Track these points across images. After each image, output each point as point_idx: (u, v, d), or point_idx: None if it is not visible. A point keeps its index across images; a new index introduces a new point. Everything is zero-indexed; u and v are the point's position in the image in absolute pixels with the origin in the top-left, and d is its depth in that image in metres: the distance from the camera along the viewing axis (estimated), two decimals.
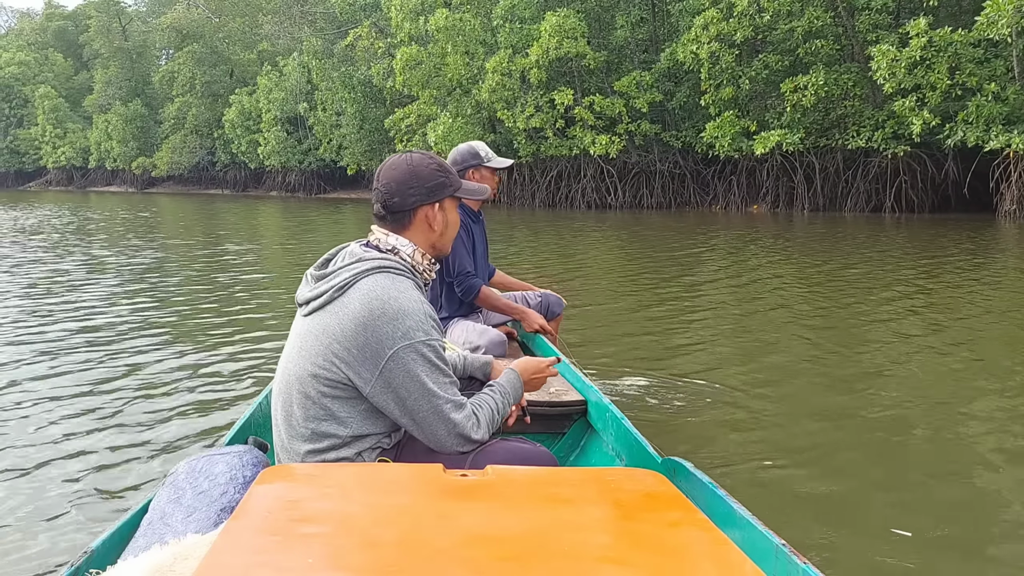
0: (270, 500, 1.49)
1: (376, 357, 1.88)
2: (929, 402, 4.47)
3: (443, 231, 2.11)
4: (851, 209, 20.19)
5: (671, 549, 1.36)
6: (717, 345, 6.03)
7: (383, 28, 29.46)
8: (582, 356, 5.62)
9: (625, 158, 24.18)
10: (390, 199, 2.05)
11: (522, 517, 1.44)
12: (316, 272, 2.05)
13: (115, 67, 49.72)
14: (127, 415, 4.41)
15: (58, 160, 52.44)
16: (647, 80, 22.64)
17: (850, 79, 18.80)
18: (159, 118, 47.75)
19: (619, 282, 9.67)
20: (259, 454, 1.92)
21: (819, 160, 20.62)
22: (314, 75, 34.23)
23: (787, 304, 7.73)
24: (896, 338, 6.11)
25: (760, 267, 10.62)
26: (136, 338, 6.48)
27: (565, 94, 22.57)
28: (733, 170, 22.85)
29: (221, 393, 4.84)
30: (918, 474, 3.45)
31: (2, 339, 6.44)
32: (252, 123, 39.01)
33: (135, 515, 1.85)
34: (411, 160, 2.08)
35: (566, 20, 21.93)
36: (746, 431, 4.03)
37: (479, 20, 24.33)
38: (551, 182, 26.18)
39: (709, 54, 19.70)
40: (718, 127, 20.41)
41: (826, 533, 2.89)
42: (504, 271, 4.60)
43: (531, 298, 4.25)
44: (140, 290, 9.12)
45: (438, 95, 26.00)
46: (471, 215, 3.96)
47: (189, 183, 46.96)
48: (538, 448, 2.07)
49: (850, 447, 3.81)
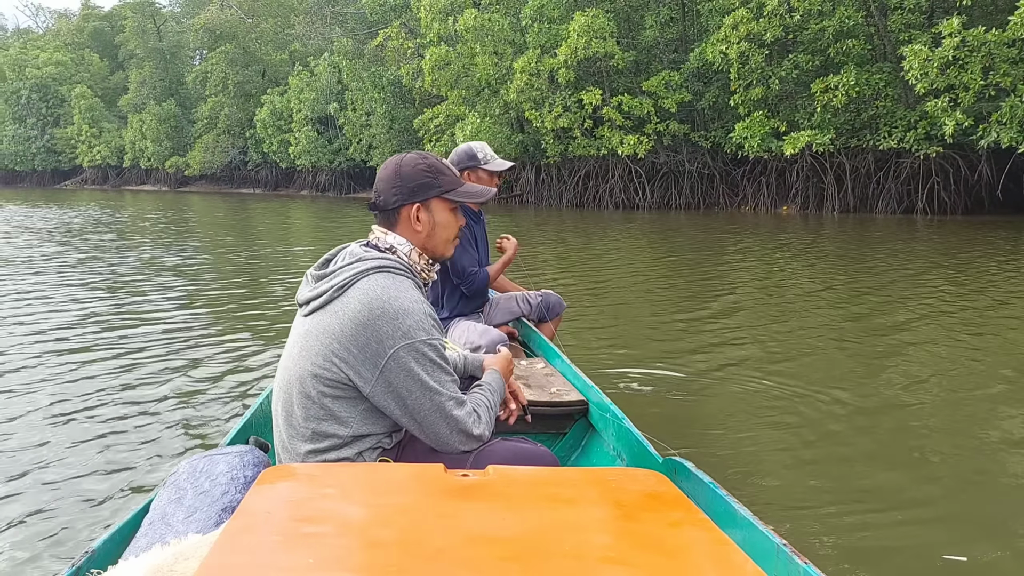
0: (271, 500, 1.50)
1: (376, 357, 1.89)
2: (954, 409, 4.39)
3: (430, 232, 2.11)
4: (882, 211, 19.97)
5: (672, 549, 1.36)
6: (730, 346, 5.98)
7: (413, 28, 29.61)
8: (589, 354, 5.64)
9: (653, 158, 24.08)
10: (378, 197, 2.10)
11: (523, 517, 1.45)
12: (316, 272, 2.06)
13: (149, 67, 50.36)
14: (127, 415, 4.41)
15: (93, 159, 53.13)
16: (676, 80, 22.53)
17: (882, 79, 18.59)
18: (192, 118, 48.30)
19: (639, 282, 9.63)
20: (260, 454, 1.93)
21: (850, 161, 20.40)
22: (344, 75, 34.43)
23: (811, 307, 7.64)
24: (924, 342, 5.99)
25: (787, 269, 10.54)
26: (137, 338, 6.47)
27: (593, 94, 22.53)
28: (762, 171, 22.68)
29: (222, 393, 4.83)
30: (938, 484, 3.40)
31: (2, 340, 6.42)
32: (283, 123, 39.33)
33: (136, 515, 1.85)
34: (401, 160, 2.11)
35: (595, 20, 21.88)
36: (747, 432, 4.01)
37: (508, 20, 24.37)
38: (579, 182, 26.15)
39: (739, 54, 19.54)
40: (747, 127, 20.26)
41: (827, 533, 2.87)
42: (514, 273, 4.58)
43: (532, 298, 4.26)
44: (143, 290, 9.14)
45: (467, 95, 26.06)
46: (471, 216, 3.93)
47: (221, 182, 47.44)
48: (539, 448, 2.08)
49: (859, 450, 3.76)
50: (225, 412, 4.45)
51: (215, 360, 5.69)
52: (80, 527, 3.05)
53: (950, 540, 2.85)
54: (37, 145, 56.26)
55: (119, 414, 4.42)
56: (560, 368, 3.39)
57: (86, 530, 3.02)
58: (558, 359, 3.50)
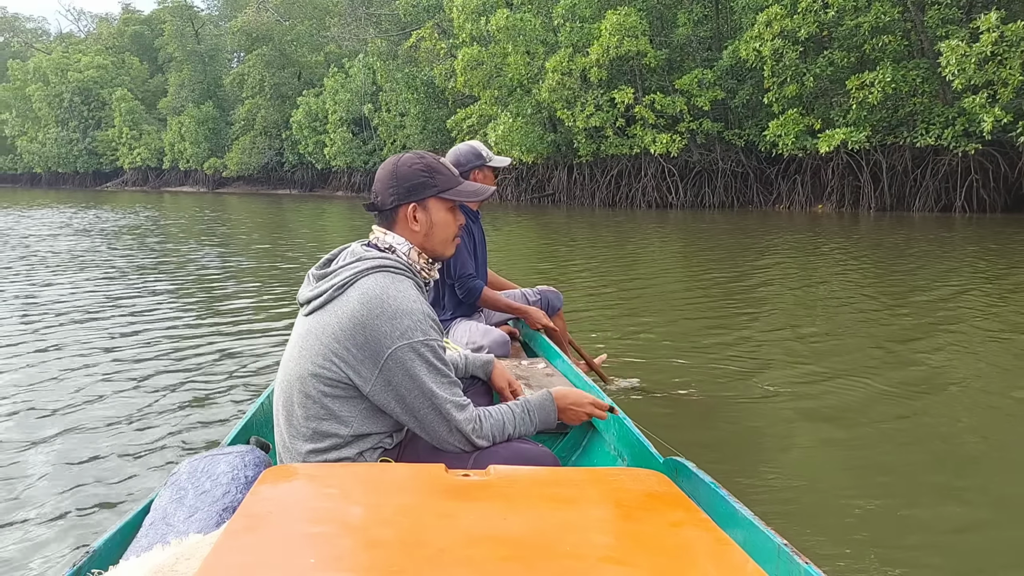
0: (272, 500, 1.50)
1: (375, 356, 1.89)
2: (982, 412, 4.30)
3: (427, 231, 2.11)
4: (920, 209, 19.68)
5: (673, 549, 1.36)
6: (747, 347, 5.87)
7: (445, 29, 29.69)
8: (598, 351, 5.62)
9: (687, 157, 23.96)
10: (375, 196, 2.10)
11: (524, 517, 1.45)
12: (317, 272, 2.06)
13: (188, 70, 50.97)
14: (128, 415, 4.39)
15: (134, 161, 53.79)
16: (709, 78, 22.39)
17: (918, 75, 18.31)
18: (230, 119, 48.74)
19: (662, 281, 9.57)
20: (261, 454, 1.93)
21: (886, 158, 20.14)
22: (379, 76, 34.64)
23: (839, 308, 7.53)
24: (955, 345, 5.81)
25: (819, 269, 10.41)
26: (138, 337, 6.45)
27: (626, 93, 22.46)
28: (797, 169, 22.47)
29: (223, 393, 4.81)
30: (952, 492, 3.33)
31: (3, 340, 6.39)
32: (319, 124, 39.59)
33: (137, 515, 1.85)
34: (399, 160, 2.11)
35: (627, 18, 21.81)
36: (749, 432, 3.98)
37: (540, 19, 24.37)
38: (611, 181, 26.09)
39: (772, 51, 19.37)
40: (781, 125, 20.06)
41: (828, 534, 2.86)
42: (552, 277, 4.56)
43: (530, 295, 4.24)
44: (148, 290, 9.08)
45: (499, 95, 26.09)
46: (469, 215, 3.90)
47: (258, 183, 47.86)
48: (540, 448, 2.07)
49: (866, 455, 3.68)
50: (226, 412, 4.42)
51: (217, 360, 5.66)
52: (81, 527, 3.04)
53: (957, 544, 2.83)
54: (79, 147, 57.11)
55: (119, 414, 4.41)
56: (561, 368, 3.37)
57: (87, 530, 3.00)
58: (559, 359, 3.49)
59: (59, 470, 3.60)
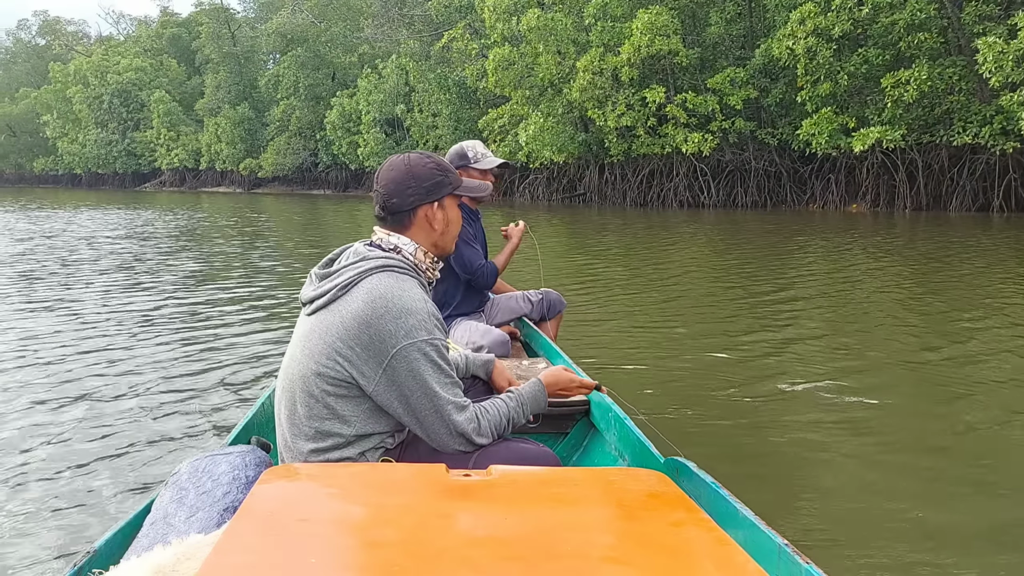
0: (273, 500, 1.49)
1: (380, 355, 1.89)
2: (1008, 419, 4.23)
3: (444, 230, 2.11)
4: (956, 208, 19.41)
5: (674, 549, 1.36)
6: (753, 350, 5.80)
7: (477, 29, 29.76)
8: (601, 351, 5.62)
9: (719, 156, 23.81)
10: (389, 200, 2.06)
11: (525, 517, 1.44)
12: (320, 271, 2.05)
13: (224, 72, 51.47)
14: (129, 415, 4.39)
15: (172, 162, 54.40)
16: (741, 76, 22.23)
17: (955, 73, 18.04)
18: (265, 120, 49.18)
19: (681, 281, 9.52)
20: (262, 454, 1.93)
21: (922, 157, 19.87)
22: (411, 77, 34.76)
23: (875, 309, 7.42)
24: (990, 351, 5.67)
25: (851, 270, 10.28)
26: (139, 337, 6.44)
27: (657, 92, 22.35)
28: (831, 168, 22.25)
29: (224, 393, 4.80)
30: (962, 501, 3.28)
31: (2, 338, 6.41)
32: (352, 125, 39.79)
33: (138, 515, 1.86)
34: (409, 160, 2.08)
35: (658, 17, 21.73)
36: (750, 432, 3.97)
37: (571, 19, 24.35)
38: (643, 181, 26.00)
39: (806, 49, 19.19)
40: (815, 124, 19.86)
41: (829, 534, 2.86)
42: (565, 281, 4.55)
43: (532, 296, 4.25)
44: (152, 290, 9.11)
45: (530, 95, 26.10)
46: (469, 213, 3.90)
47: (293, 183, 48.22)
48: (541, 448, 2.07)
49: (886, 459, 3.65)
50: (227, 412, 4.41)
51: (218, 360, 5.65)
52: (82, 527, 3.03)
53: (963, 547, 2.81)
54: (118, 148, 57.90)
55: (120, 414, 4.41)
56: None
57: (88, 530, 3.00)
58: (560, 359, 3.48)
59: (59, 470, 3.60)
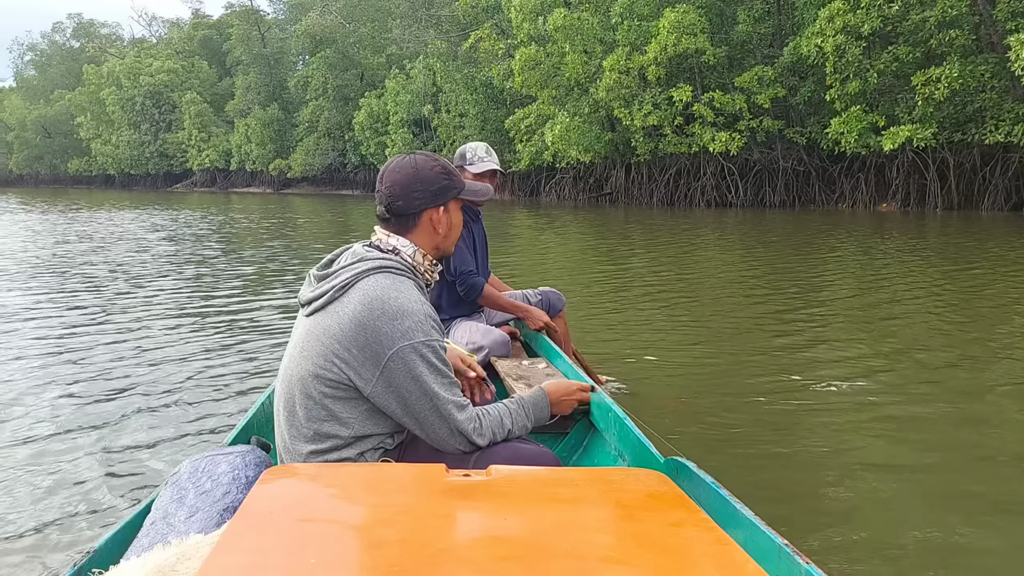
0: (272, 500, 1.49)
1: (377, 357, 1.88)
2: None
3: (447, 233, 2.10)
4: (989, 208, 19.15)
5: (674, 549, 1.35)
6: (780, 354, 5.73)
7: (504, 29, 29.79)
8: (617, 348, 5.64)
9: (746, 155, 23.66)
10: (394, 202, 2.04)
11: (525, 517, 1.44)
12: (318, 272, 2.04)
13: (254, 73, 51.97)
14: (129, 415, 4.39)
15: (203, 163, 55.02)
16: (769, 75, 22.05)
17: (987, 70, 17.77)
18: (294, 121, 49.58)
19: (697, 282, 9.51)
20: (262, 454, 1.92)
21: (953, 156, 19.62)
22: (438, 77, 34.87)
23: (905, 312, 7.33)
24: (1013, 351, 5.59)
25: (882, 269, 10.15)
26: (139, 337, 6.47)
27: (684, 91, 22.25)
28: (861, 167, 22.04)
29: (224, 393, 4.80)
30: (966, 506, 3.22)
31: (6, 341, 6.45)
32: (380, 125, 40.02)
33: (138, 515, 1.85)
34: (415, 162, 2.07)
35: (685, 16, 21.64)
36: (751, 433, 3.95)
37: (597, 18, 24.31)
38: (669, 180, 25.91)
39: (835, 47, 18.98)
40: (844, 122, 19.64)
41: (829, 534, 2.84)
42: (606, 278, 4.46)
43: (531, 296, 4.21)
44: (155, 289, 9.15)
45: (556, 95, 26.09)
46: (471, 214, 3.89)
47: (321, 184, 48.55)
48: (541, 448, 2.06)
49: (874, 462, 3.61)
50: (227, 412, 4.42)
51: (218, 360, 5.66)
52: (82, 527, 3.03)
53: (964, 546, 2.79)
54: (150, 149, 58.69)
55: (120, 414, 4.42)
56: (562, 368, 3.36)
57: (88, 530, 3.00)
58: (559, 359, 3.48)
59: (59, 470, 3.61)
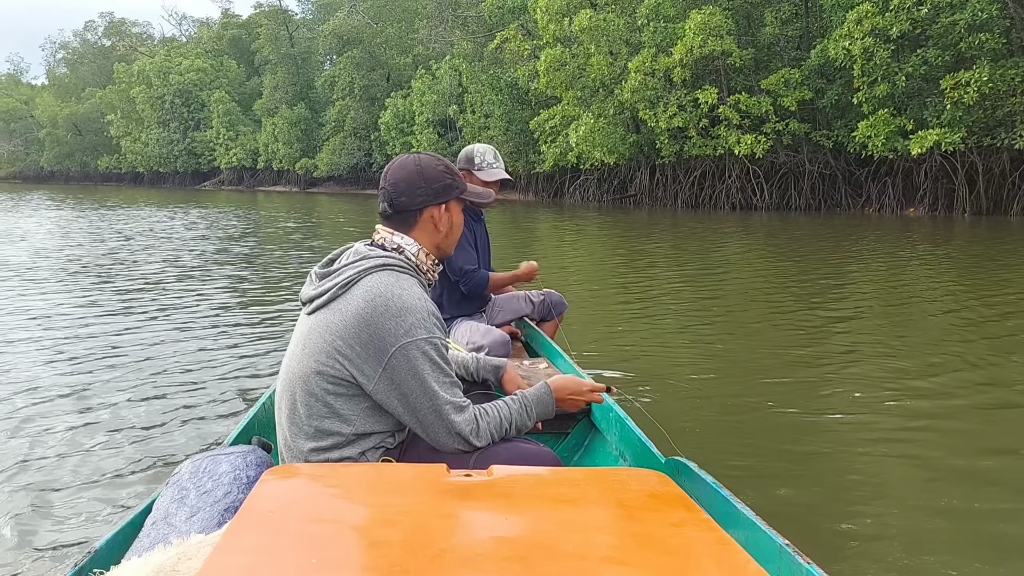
0: (273, 500, 1.50)
1: (379, 354, 1.89)
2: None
3: (448, 232, 2.12)
4: (1018, 213, 18.88)
5: (675, 549, 1.36)
6: (765, 354, 5.73)
7: (530, 30, 29.78)
8: (603, 351, 5.63)
9: (772, 158, 23.49)
10: (397, 199, 2.06)
11: (526, 517, 1.45)
12: (321, 270, 2.06)
13: (282, 72, 52.32)
14: (130, 415, 4.40)
15: (230, 161, 55.46)
16: (796, 77, 21.88)
17: (1018, 74, 17.50)
18: (321, 121, 49.91)
19: (735, 288, 9.46)
20: (263, 454, 1.94)
21: (983, 161, 19.36)
22: (464, 78, 34.91)
23: (931, 317, 7.25)
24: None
25: (910, 275, 10.06)
26: (140, 337, 6.50)
27: (709, 93, 22.16)
28: (888, 171, 21.81)
29: (225, 392, 4.82)
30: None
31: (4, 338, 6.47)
32: (406, 125, 40.18)
33: (139, 515, 1.87)
34: (419, 161, 2.09)
35: (711, 18, 21.54)
36: (752, 433, 3.95)
37: (623, 20, 24.24)
38: (694, 182, 25.79)
39: (863, 50, 18.80)
40: (871, 126, 19.43)
41: (829, 534, 2.84)
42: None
43: (534, 297, 4.24)
44: (155, 289, 9.18)
45: (581, 96, 26.05)
46: (473, 215, 3.91)
47: (347, 183, 48.75)
48: (542, 448, 2.06)
49: (876, 464, 3.60)
50: (228, 412, 4.43)
51: (219, 360, 5.67)
52: (82, 526, 3.04)
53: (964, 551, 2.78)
54: (179, 148, 59.25)
55: (121, 414, 4.43)
56: (563, 368, 3.37)
57: (88, 530, 3.02)
58: (561, 359, 3.50)
59: (59, 470, 3.61)
